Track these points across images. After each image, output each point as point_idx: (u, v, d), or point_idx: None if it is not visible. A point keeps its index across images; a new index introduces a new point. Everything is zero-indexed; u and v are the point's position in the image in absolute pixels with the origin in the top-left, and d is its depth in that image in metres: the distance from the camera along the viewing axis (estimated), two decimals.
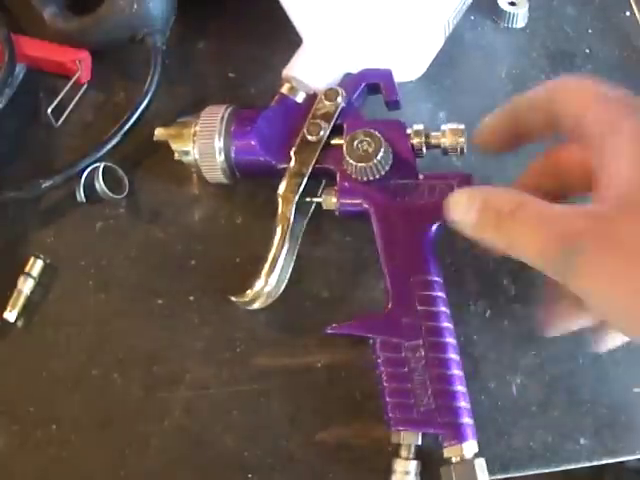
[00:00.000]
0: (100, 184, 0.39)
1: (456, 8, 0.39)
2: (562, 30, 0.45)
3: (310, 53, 0.38)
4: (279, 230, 0.35)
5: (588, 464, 0.35)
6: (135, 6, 0.40)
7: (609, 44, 0.44)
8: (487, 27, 0.45)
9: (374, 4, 0.37)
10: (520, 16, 0.44)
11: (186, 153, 0.37)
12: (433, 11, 0.38)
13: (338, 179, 0.35)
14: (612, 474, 0.63)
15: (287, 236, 0.35)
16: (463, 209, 0.30)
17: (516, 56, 0.44)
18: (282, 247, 0.35)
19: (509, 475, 0.34)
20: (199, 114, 0.37)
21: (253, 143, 0.36)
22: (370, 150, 0.34)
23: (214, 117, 0.37)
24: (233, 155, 0.36)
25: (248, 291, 0.35)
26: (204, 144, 0.36)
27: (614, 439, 0.34)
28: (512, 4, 0.44)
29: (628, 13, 0.45)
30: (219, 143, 0.36)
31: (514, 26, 0.45)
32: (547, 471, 0.34)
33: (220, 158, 0.36)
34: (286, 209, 0.35)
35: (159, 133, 0.38)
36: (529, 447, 0.34)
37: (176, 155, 0.37)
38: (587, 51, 0.44)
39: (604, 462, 0.35)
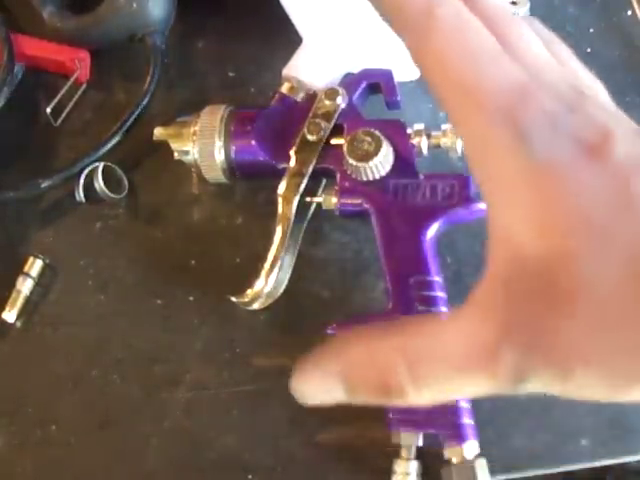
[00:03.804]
0: (99, 184, 0.39)
1: None
2: (563, 29, 0.44)
3: (310, 52, 0.38)
4: (279, 230, 0.35)
5: (589, 465, 0.34)
6: (134, 5, 0.40)
7: (610, 43, 0.44)
8: None
9: None
10: (521, 15, 0.44)
11: (186, 153, 0.37)
12: None
13: (338, 179, 0.35)
14: (614, 475, 0.63)
15: (287, 236, 0.35)
16: (326, 396, 0.23)
17: None
18: (282, 247, 0.35)
19: (510, 476, 0.34)
20: (199, 114, 0.37)
21: (253, 143, 0.36)
22: (370, 150, 0.34)
23: (214, 117, 0.36)
24: (233, 155, 0.36)
25: (248, 291, 0.34)
26: (204, 144, 0.36)
27: (616, 440, 0.34)
28: (513, 3, 0.44)
29: (630, 12, 0.45)
30: (219, 143, 0.36)
31: None
32: (548, 472, 0.34)
33: (220, 158, 0.36)
34: (286, 209, 0.35)
35: (158, 133, 0.38)
36: (530, 448, 0.34)
37: (176, 155, 0.37)
38: (588, 50, 0.44)
39: (605, 463, 0.34)
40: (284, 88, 0.37)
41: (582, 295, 0.19)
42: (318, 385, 0.23)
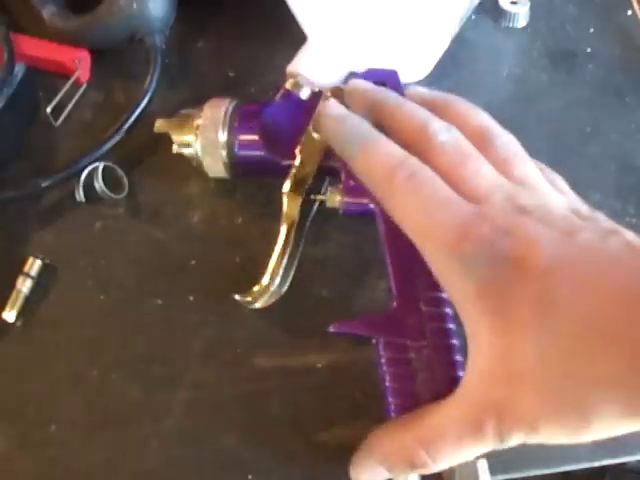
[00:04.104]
0: (99, 184, 0.39)
1: (465, 9, 0.38)
2: (563, 29, 0.45)
3: (315, 50, 0.38)
4: (284, 228, 0.34)
5: (588, 465, 0.34)
6: (134, 5, 0.40)
7: (610, 43, 0.44)
8: (488, 27, 0.45)
9: (383, 4, 0.36)
10: (521, 15, 0.44)
11: (187, 145, 0.36)
12: (443, 12, 0.37)
13: (343, 178, 0.35)
14: (612, 475, 0.63)
15: (292, 234, 0.34)
16: (371, 476, 0.31)
17: (517, 56, 0.44)
18: (287, 245, 0.34)
19: (510, 476, 0.34)
20: (202, 106, 0.36)
21: (258, 139, 0.36)
22: None
23: (219, 110, 0.36)
24: (236, 150, 0.36)
25: (253, 289, 0.34)
26: (207, 137, 0.36)
27: (615, 440, 0.34)
28: (513, 3, 0.44)
29: (630, 12, 0.45)
30: (223, 137, 0.36)
31: (515, 25, 0.44)
32: (547, 472, 0.34)
33: (223, 153, 0.36)
34: (291, 207, 0.35)
35: (160, 125, 0.37)
36: (530, 448, 0.34)
37: (175, 148, 0.37)
38: (588, 50, 0.44)
39: (604, 463, 0.34)
40: (288, 84, 0.37)
41: (527, 378, 0.25)
42: (368, 473, 0.31)
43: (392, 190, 0.29)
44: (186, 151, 0.37)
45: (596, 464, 0.34)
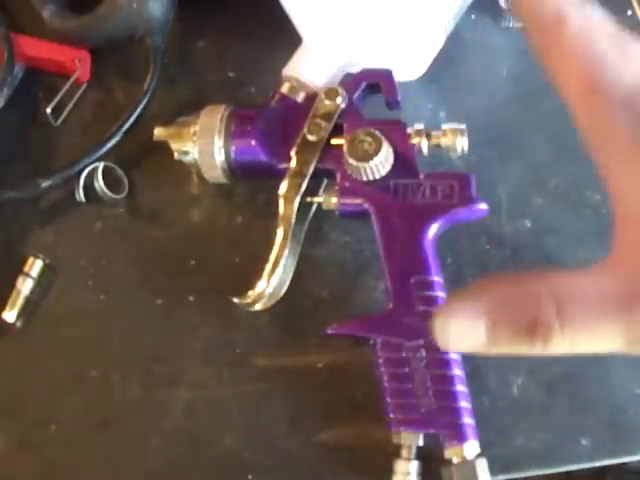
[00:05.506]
0: (100, 184, 0.39)
1: (457, 7, 0.38)
2: None
3: (310, 52, 0.38)
4: (281, 231, 0.35)
5: (589, 465, 0.34)
6: (134, 5, 0.40)
7: None
8: (488, 26, 0.45)
9: (375, 3, 0.37)
10: None
11: (186, 153, 0.37)
12: (434, 10, 0.37)
13: (338, 179, 0.35)
14: (613, 475, 0.63)
15: (289, 237, 0.35)
16: (469, 337, 0.22)
17: (517, 55, 0.43)
18: (284, 248, 0.34)
19: (510, 476, 0.34)
20: (198, 114, 0.37)
21: (253, 143, 0.36)
22: (370, 150, 0.34)
23: (214, 117, 0.36)
24: (233, 155, 0.36)
25: (250, 292, 0.34)
26: (204, 144, 0.36)
27: (615, 440, 0.34)
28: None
29: (630, 12, 0.45)
30: (219, 143, 0.36)
31: (515, 25, 0.44)
32: (548, 472, 0.34)
33: (220, 158, 0.36)
34: (287, 210, 0.35)
35: (158, 133, 0.37)
36: (530, 448, 0.34)
37: (176, 155, 0.37)
38: None
39: (605, 463, 0.34)
40: (284, 88, 0.37)
41: None
42: (461, 323, 0.22)
43: (559, 36, 0.26)
44: (185, 158, 0.37)
45: (597, 464, 0.34)
